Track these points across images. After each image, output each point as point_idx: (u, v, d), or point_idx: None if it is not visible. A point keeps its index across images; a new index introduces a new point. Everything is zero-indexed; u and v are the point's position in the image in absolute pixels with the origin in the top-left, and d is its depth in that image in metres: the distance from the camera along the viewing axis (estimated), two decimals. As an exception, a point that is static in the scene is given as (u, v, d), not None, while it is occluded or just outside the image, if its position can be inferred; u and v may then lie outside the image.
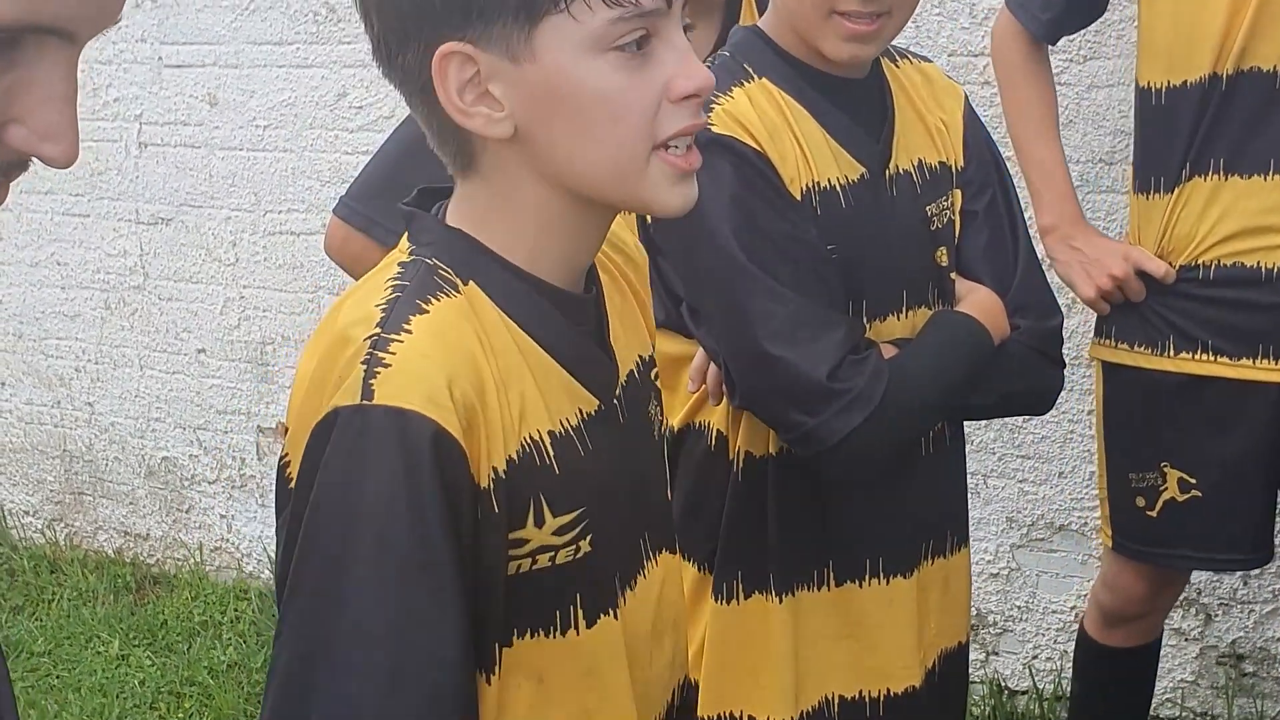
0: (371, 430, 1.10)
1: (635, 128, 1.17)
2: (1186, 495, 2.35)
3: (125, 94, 3.99)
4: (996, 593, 3.30)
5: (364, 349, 1.13)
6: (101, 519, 4.40)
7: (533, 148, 1.19)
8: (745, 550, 1.84)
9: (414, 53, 1.16)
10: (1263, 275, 2.23)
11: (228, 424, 4.12)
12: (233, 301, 4.01)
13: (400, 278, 1.19)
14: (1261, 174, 2.20)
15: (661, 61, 1.17)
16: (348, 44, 3.67)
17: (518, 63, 1.15)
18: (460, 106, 1.16)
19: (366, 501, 1.10)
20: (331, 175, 3.77)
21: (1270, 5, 2.15)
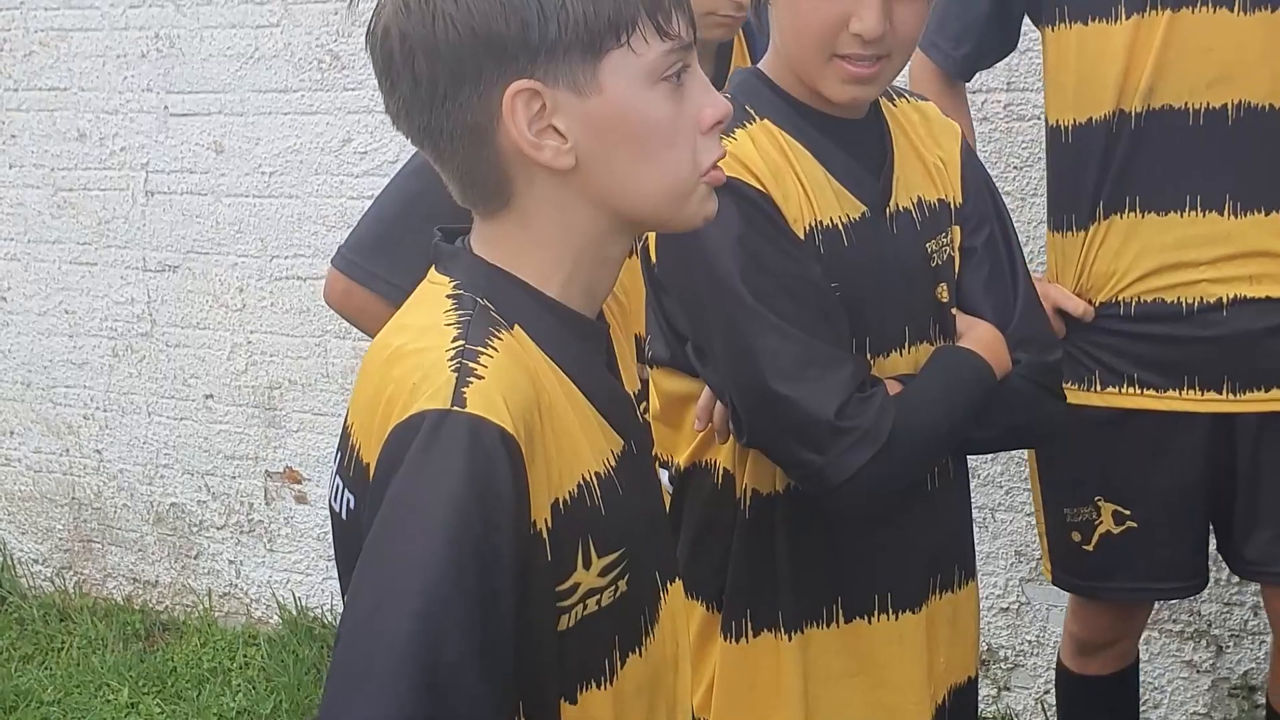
0: (461, 437, 1.13)
1: (686, 152, 1.26)
2: (1122, 527, 2.37)
3: (132, 143, 4.02)
4: (1007, 627, 3.30)
5: (451, 358, 1.16)
6: (110, 566, 4.41)
7: (589, 177, 1.23)
8: (754, 588, 1.84)
9: (470, 93, 1.20)
10: (1183, 310, 2.25)
11: (235, 469, 4.13)
12: (240, 347, 4.02)
13: (459, 307, 1.23)
14: (1178, 210, 2.22)
15: (691, 92, 1.25)
16: (352, 90, 3.70)
17: (583, 96, 1.21)
18: (531, 140, 1.21)
19: (444, 498, 1.11)
20: (337, 220, 3.79)
21: (1175, 44, 2.17)
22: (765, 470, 1.81)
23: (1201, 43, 2.17)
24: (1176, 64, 2.18)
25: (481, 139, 1.22)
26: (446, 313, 1.22)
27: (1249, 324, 2.23)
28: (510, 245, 1.27)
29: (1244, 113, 2.18)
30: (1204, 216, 2.21)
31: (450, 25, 1.19)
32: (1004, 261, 1.89)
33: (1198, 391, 2.27)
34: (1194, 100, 2.19)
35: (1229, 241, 2.21)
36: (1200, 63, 2.17)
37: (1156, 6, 2.17)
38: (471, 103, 1.20)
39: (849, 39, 1.69)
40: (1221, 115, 2.18)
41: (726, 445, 1.83)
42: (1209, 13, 2.16)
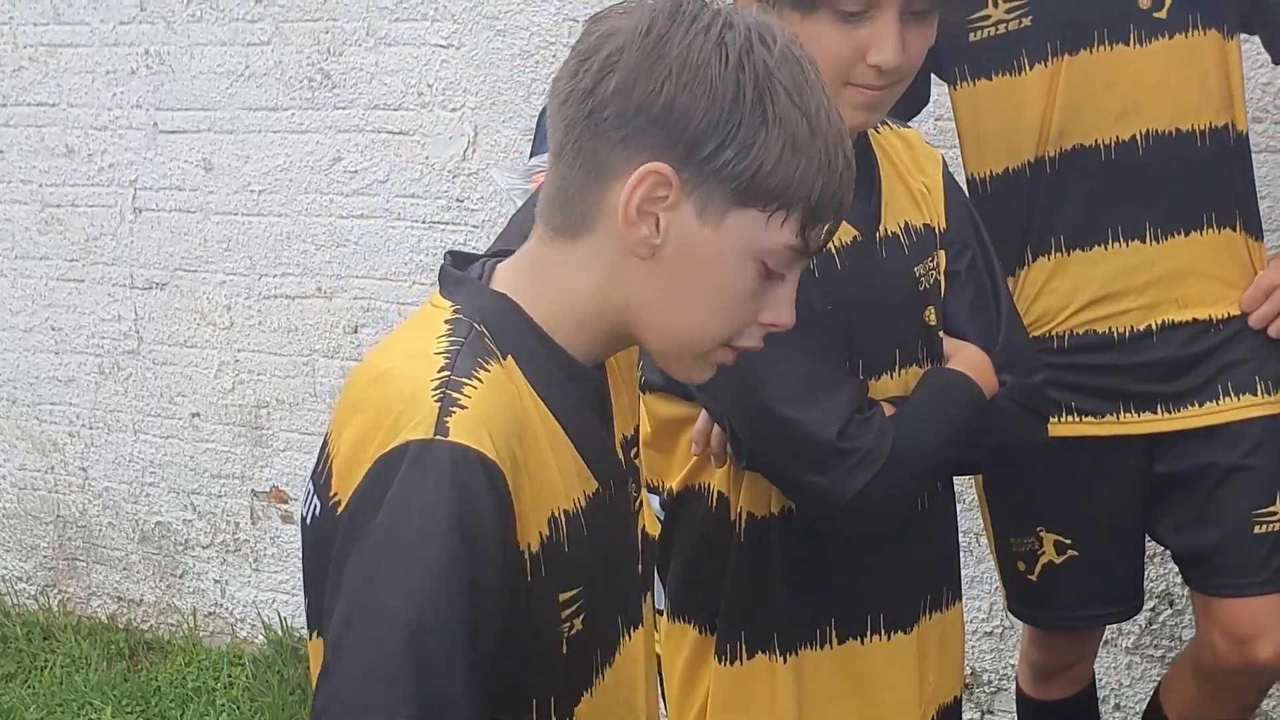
0: (443, 466, 1.14)
1: (729, 325, 1.28)
2: (1064, 557, 2.40)
3: (120, 160, 4.02)
4: (990, 651, 3.31)
5: (435, 388, 1.18)
6: (95, 585, 4.39)
7: (644, 277, 1.26)
8: (749, 610, 1.84)
9: (622, 139, 1.22)
10: (1114, 339, 2.29)
11: (222, 488, 4.12)
12: (227, 365, 4.02)
13: (452, 334, 1.24)
14: (1102, 244, 2.26)
15: (772, 290, 1.28)
16: (342, 109, 3.71)
17: (701, 220, 1.23)
18: (631, 214, 1.23)
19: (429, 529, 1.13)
20: (326, 239, 3.80)
21: (1078, 86, 2.21)
22: (761, 493, 1.82)
23: (1103, 80, 2.21)
24: (1082, 104, 2.22)
25: (597, 177, 1.24)
26: (439, 339, 1.23)
27: (1178, 347, 2.28)
28: (548, 274, 1.28)
29: (1152, 140, 2.22)
30: (1127, 246, 2.25)
31: (661, 79, 1.21)
32: (987, 285, 1.92)
33: (1134, 414, 2.31)
34: (1103, 136, 2.23)
35: (1154, 267, 2.26)
36: (1104, 99, 2.21)
37: (1057, 53, 2.22)
38: (618, 144, 1.23)
39: (866, 70, 1.71)
40: (1131, 146, 2.22)
41: (721, 469, 1.83)
42: (1106, 50, 2.20)
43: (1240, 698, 2.50)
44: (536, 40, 3.41)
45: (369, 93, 3.64)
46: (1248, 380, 2.29)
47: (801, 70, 1.24)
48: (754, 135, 1.21)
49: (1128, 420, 2.32)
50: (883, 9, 1.68)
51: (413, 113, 3.60)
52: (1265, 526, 2.34)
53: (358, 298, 3.80)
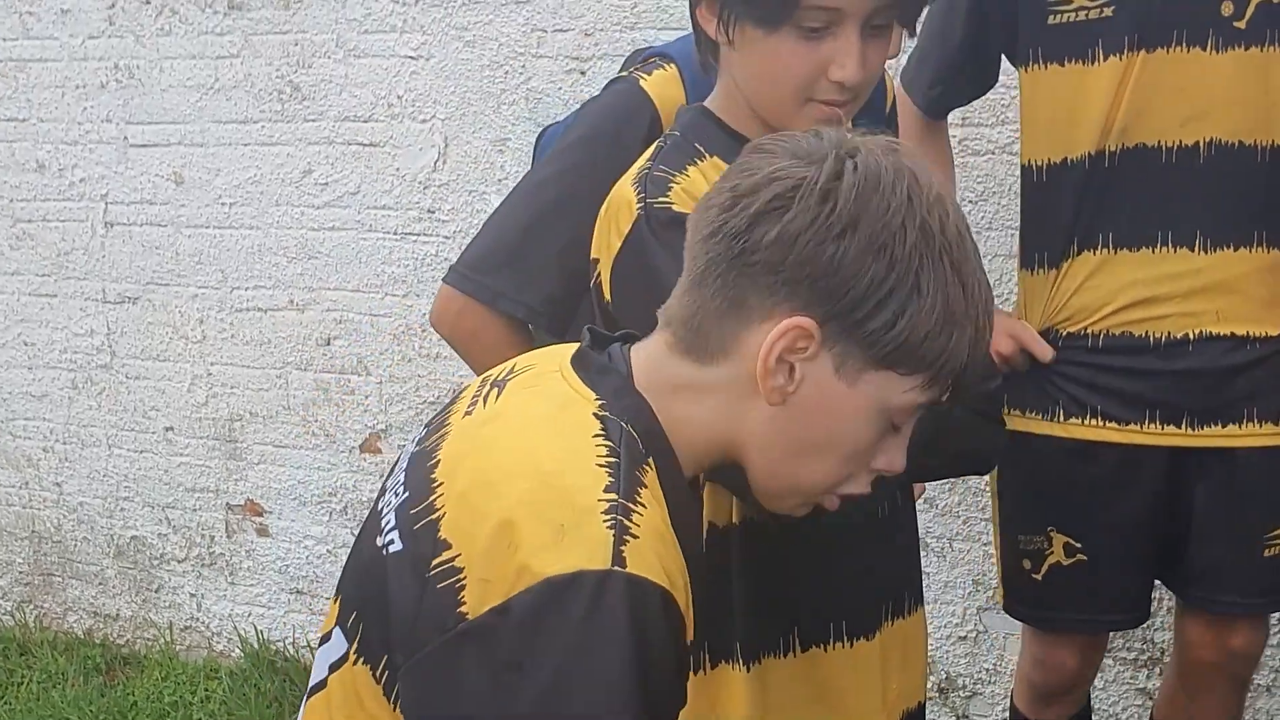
0: (624, 597, 1.13)
1: (842, 473, 1.29)
2: (1071, 560, 2.39)
3: (91, 174, 4.02)
4: (965, 655, 3.31)
5: (605, 513, 1.16)
6: (71, 600, 4.38)
7: (772, 421, 1.26)
8: (711, 620, 1.84)
9: (768, 285, 1.22)
10: (1149, 343, 2.28)
11: (196, 502, 4.11)
12: (200, 379, 4.01)
13: (606, 437, 1.22)
14: (1150, 247, 2.25)
15: (890, 439, 1.29)
16: (312, 121, 3.71)
17: (837, 376, 1.23)
18: (768, 360, 1.23)
19: (615, 664, 1.12)
20: (298, 251, 3.80)
21: (1149, 84, 2.20)
22: (721, 503, 1.82)
23: (1175, 82, 2.19)
24: (1151, 103, 2.21)
25: (737, 314, 1.24)
26: (595, 439, 1.21)
27: (1213, 360, 2.26)
28: (672, 390, 1.28)
29: (1215, 150, 2.20)
30: (1175, 252, 2.24)
31: (822, 239, 1.20)
32: None
33: (1158, 425, 2.30)
34: (1167, 138, 2.21)
35: (1198, 277, 2.24)
36: (1174, 101, 2.20)
37: (1133, 48, 2.20)
38: (762, 291, 1.23)
39: (828, 85, 1.71)
40: (1193, 153, 2.21)
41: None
42: (1183, 52, 2.19)
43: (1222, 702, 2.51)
44: (505, 51, 3.42)
45: (339, 105, 3.65)
46: (1272, 409, 2.29)
47: (963, 239, 1.23)
48: (905, 304, 1.20)
49: (1150, 431, 2.31)
50: (844, 25, 1.68)
51: (383, 124, 3.61)
52: (1273, 549, 2.36)
53: (330, 310, 3.80)
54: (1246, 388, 2.28)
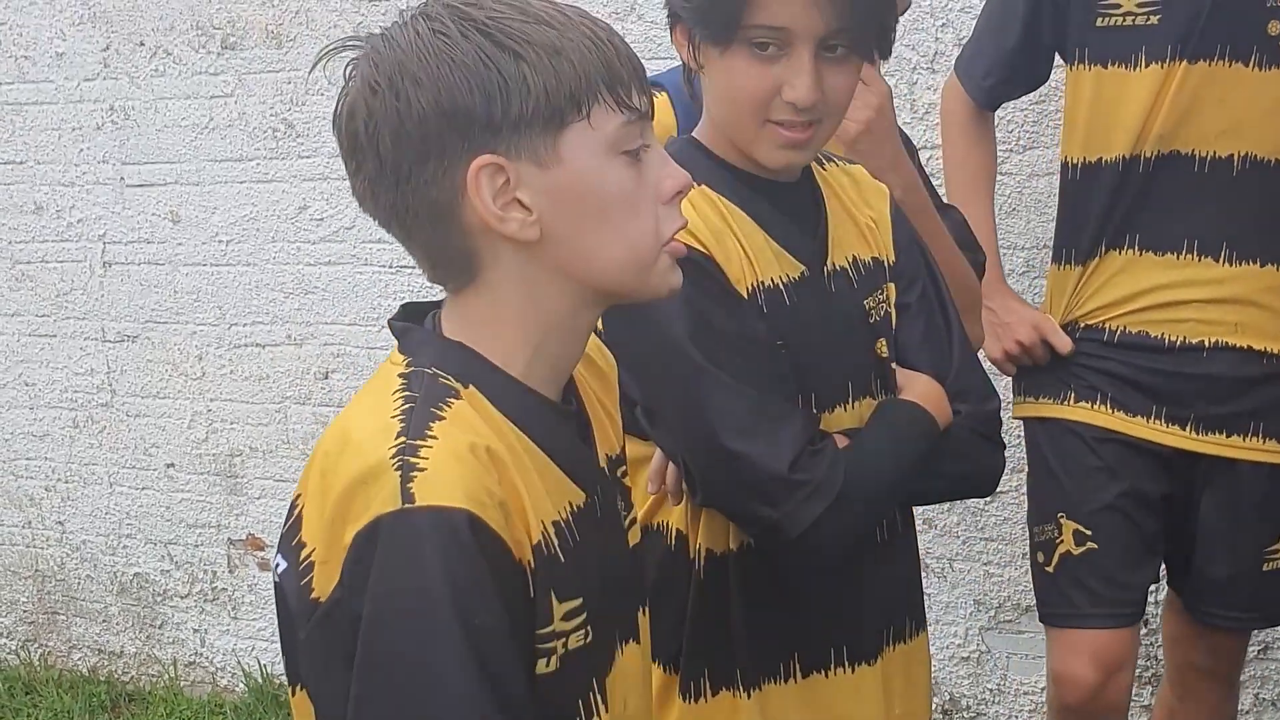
0: (420, 532, 1.15)
1: (649, 221, 1.29)
2: (1082, 548, 2.39)
3: (89, 214, 4.04)
4: (968, 676, 3.32)
5: (393, 457, 1.18)
6: (75, 638, 4.39)
7: (554, 248, 1.26)
8: (711, 647, 1.85)
9: (434, 171, 1.23)
10: (1165, 344, 2.32)
11: (198, 537, 4.13)
12: (200, 415, 4.03)
13: (407, 388, 1.24)
14: (1175, 252, 2.29)
15: (650, 163, 1.29)
16: (307, 158, 3.73)
17: (545, 168, 1.24)
18: (496, 214, 1.24)
19: (431, 600, 1.13)
20: (295, 287, 3.82)
21: (1189, 94, 2.23)
22: (719, 529, 1.83)
23: (1215, 94, 2.24)
24: (1190, 113, 2.25)
25: (447, 215, 1.25)
26: (394, 398, 1.24)
27: (1226, 370, 2.30)
28: (477, 322, 1.29)
29: (1249, 165, 2.25)
30: (1199, 261, 2.28)
31: (415, 102, 1.21)
32: (938, 315, 1.93)
33: (1163, 423, 2.34)
34: (1202, 149, 2.26)
35: (1220, 287, 2.28)
36: (1213, 113, 2.24)
37: (1176, 57, 2.24)
38: (436, 179, 1.23)
39: (782, 106, 1.72)
40: (1227, 165, 2.25)
41: (679, 507, 1.85)
42: (1225, 66, 2.23)
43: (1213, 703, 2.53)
44: (497, 84, 3.44)
45: (333, 141, 3.64)
46: (1277, 428, 2.33)
47: None
48: (519, 72, 1.21)
49: (1155, 427, 2.35)
50: (795, 46, 1.70)
51: (377, 159, 3.62)
52: (1272, 564, 2.38)
53: (328, 344, 3.82)
54: (1255, 402, 2.31)
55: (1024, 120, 3.00)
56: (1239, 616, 2.44)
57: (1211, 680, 2.51)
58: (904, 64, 3.08)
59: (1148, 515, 2.39)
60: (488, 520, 1.17)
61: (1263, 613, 2.45)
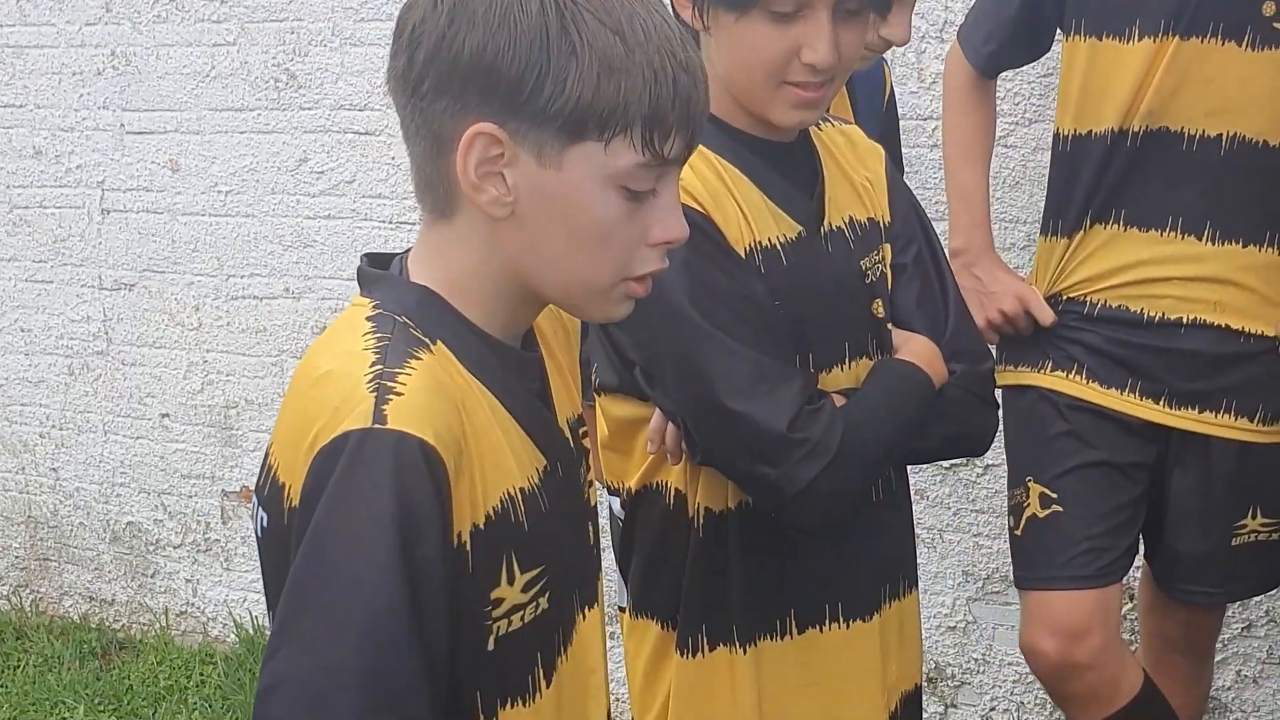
0: (383, 453, 1.15)
1: (616, 257, 1.26)
2: (1048, 511, 2.41)
3: (87, 161, 4.03)
4: (954, 645, 3.34)
5: (369, 381, 1.18)
6: (67, 584, 4.40)
7: (516, 237, 1.25)
8: (708, 604, 1.87)
9: (446, 107, 1.22)
10: (1144, 319, 2.33)
11: (192, 488, 4.13)
12: (196, 366, 4.03)
13: (377, 329, 1.24)
14: (1159, 229, 2.29)
15: (652, 207, 1.26)
16: (308, 110, 3.72)
17: (542, 166, 1.22)
18: (474, 180, 1.23)
19: (379, 521, 1.13)
20: (293, 240, 3.81)
21: (1180, 71, 2.23)
22: (718, 488, 1.84)
23: (1205, 73, 2.23)
24: (1179, 90, 2.25)
25: (441, 149, 1.24)
26: (364, 336, 1.23)
27: (1202, 346, 2.31)
28: (444, 259, 1.29)
29: (1237, 145, 2.25)
30: (1182, 239, 2.29)
31: (461, 39, 1.20)
32: (933, 276, 1.94)
33: (1137, 396, 2.35)
34: (1191, 126, 2.26)
35: (1202, 265, 2.29)
36: (1202, 91, 2.24)
37: (1169, 32, 2.23)
38: (443, 115, 1.23)
39: (800, 68, 1.73)
40: (1215, 144, 2.25)
41: (678, 466, 1.86)
42: (1217, 44, 2.23)
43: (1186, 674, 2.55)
44: (501, 41, 3.42)
45: (334, 93, 3.66)
46: (1249, 406, 2.34)
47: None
48: (565, 68, 1.19)
49: (1129, 400, 2.36)
50: (815, 9, 1.70)
51: (378, 113, 3.62)
52: (1240, 539, 2.39)
53: (325, 298, 3.81)
54: (1230, 380, 2.32)
55: (1030, 93, 2.99)
56: (1208, 591, 2.46)
57: (1183, 655, 2.54)
58: (913, 32, 3.06)
59: (1119, 482, 2.41)
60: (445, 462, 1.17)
61: (1230, 588, 2.48)
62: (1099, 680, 2.40)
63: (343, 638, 1.12)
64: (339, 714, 1.12)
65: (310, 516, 1.15)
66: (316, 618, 1.14)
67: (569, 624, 1.37)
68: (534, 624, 1.29)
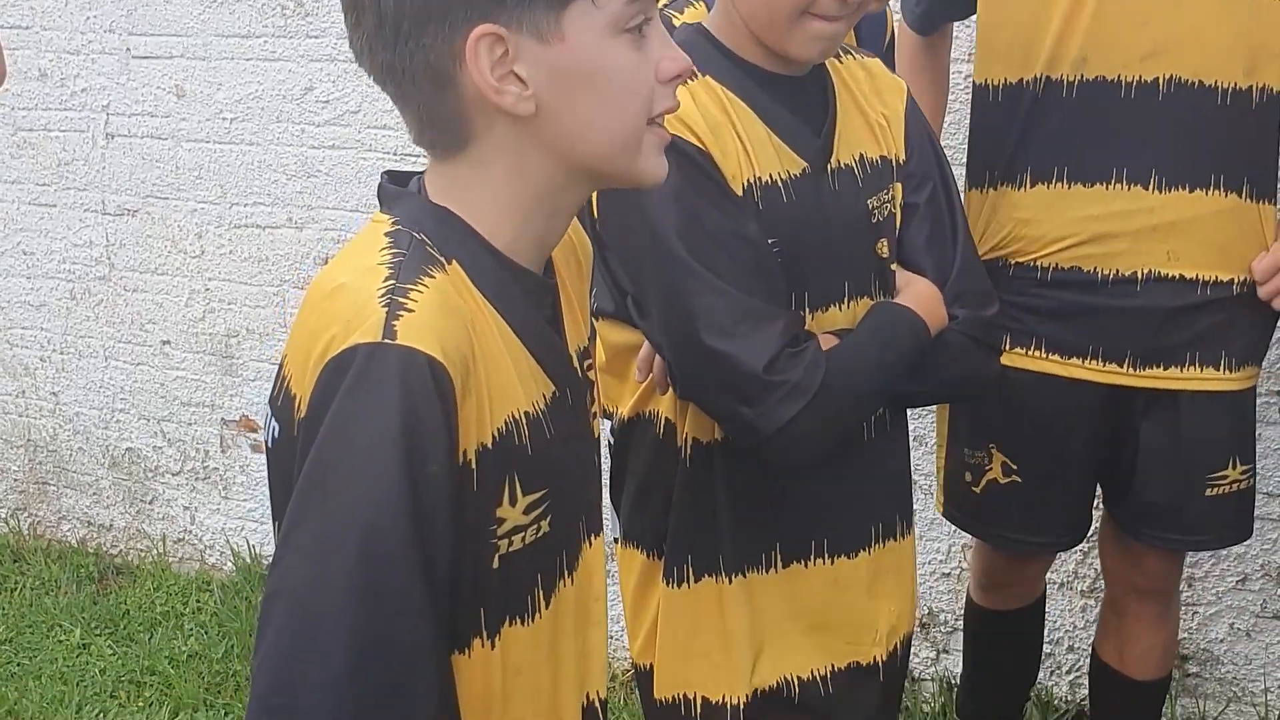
0: (391, 368, 1.15)
1: (643, 102, 1.28)
2: (1008, 479, 2.44)
3: (93, 84, 4.01)
4: (948, 592, 3.34)
5: (381, 295, 1.18)
6: (65, 509, 4.41)
7: (547, 125, 1.25)
8: (695, 534, 1.87)
9: (434, 34, 1.21)
10: (1098, 279, 2.29)
11: (192, 416, 4.14)
12: (198, 294, 4.02)
13: (394, 245, 1.24)
14: (1104, 183, 2.25)
15: (652, 44, 1.28)
16: (315, 38, 3.70)
17: (546, 43, 1.22)
18: (493, 85, 1.22)
19: (385, 434, 1.14)
20: (298, 169, 3.79)
21: (1112, 15, 2.20)
22: (705, 420, 1.84)
23: (1138, 16, 2.19)
24: (1113, 35, 2.20)
25: (443, 81, 1.23)
26: (381, 251, 1.23)
27: (1161, 302, 2.28)
28: (463, 190, 1.28)
29: (1175, 88, 2.20)
30: (1129, 190, 2.25)
31: None
32: (945, 218, 1.92)
33: (1100, 362, 2.33)
34: (1127, 73, 2.21)
35: (1151, 216, 2.25)
36: (1136, 35, 2.20)
37: None
38: (435, 44, 1.22)
39: (828, 2, 1.71)
40: (1153, 89, 2.21)
41: (668, 396, 1.86)
42: None
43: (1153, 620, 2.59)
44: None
45: (341, 22, 3.61)
46: (1213, 355, 2.32)
47: None
48: None
49: (1092, 367, 2.34)
50: None
51: (386, 43, 3.58)
52: (1216, 489, 2.39)
53: (329, 229, 3.80)
54: (1191, 332, 2.30)
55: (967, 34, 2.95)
56: (1180, 539, 2.47)
57: (1149, 599, 2.57)
58: None
59: (1082, 455, 2.42)
60: (453, 379, 1.18)
61: (1204, 536, 2.48)
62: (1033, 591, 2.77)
63: (343, 550, 1.13)
64: (338, 624, 1.13)
65: (317, 427, 1.16)
66: (318, 528, 1.14)
67: (574, 549, 1.37)
68: (535, 546, 1.29)
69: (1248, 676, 3.12)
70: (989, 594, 2.75)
